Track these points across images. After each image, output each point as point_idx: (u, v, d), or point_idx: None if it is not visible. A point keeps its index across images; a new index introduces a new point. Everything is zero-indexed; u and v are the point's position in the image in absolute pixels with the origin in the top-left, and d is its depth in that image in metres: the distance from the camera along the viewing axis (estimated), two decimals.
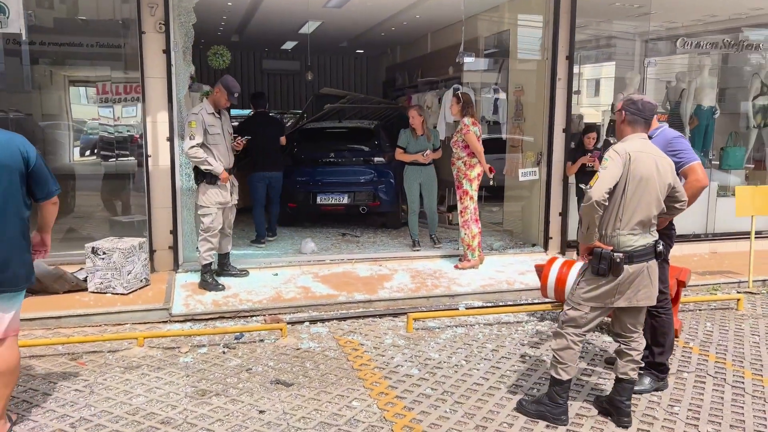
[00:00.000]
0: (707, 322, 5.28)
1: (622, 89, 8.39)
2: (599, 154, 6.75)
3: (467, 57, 6.92)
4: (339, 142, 8.76)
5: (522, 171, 7.24)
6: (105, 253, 5.36)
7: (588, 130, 6.93)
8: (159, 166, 6.09)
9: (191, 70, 6.18)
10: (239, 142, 5.81)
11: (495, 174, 6.74)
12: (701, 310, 5.62)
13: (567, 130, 7.10)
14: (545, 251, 7.24)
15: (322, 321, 5.14)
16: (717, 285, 6.32)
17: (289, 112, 15.37)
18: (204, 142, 5.48)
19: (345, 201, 8.20)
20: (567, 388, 3.44)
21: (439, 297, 5.70)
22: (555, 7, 6.86)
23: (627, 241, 3.26)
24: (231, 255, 6.18)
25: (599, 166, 3.27)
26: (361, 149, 8.59)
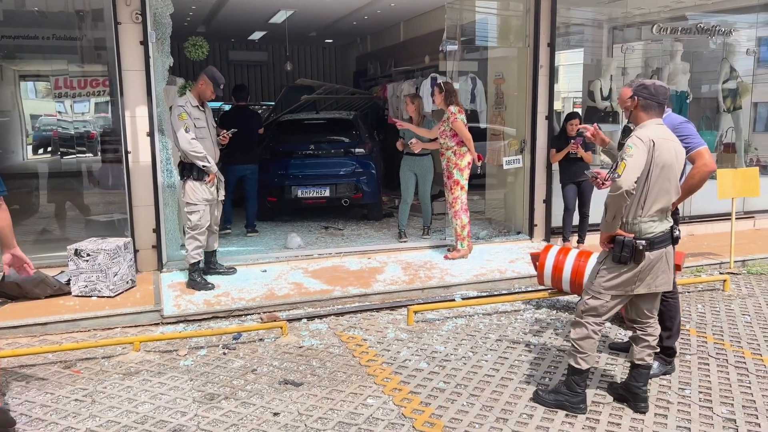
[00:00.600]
0: (698, 303, 5.38)
1: (593, 76, 8.49)
2: (581, 140, 6.80)
3: (450, 45, 6.85)
4: (318, 133, 8.61)
5: (506, 159, 7.25)
6: (89, 255, 5.13)
7: (570, 117, 6.97)
8: (139, 162, 5.86)
9: (170, 62, 5.94)
10: (225, 135, 5.63)
11: (481, 162, 6.70)
12: (689, 292, 5.72)
13: (550, 117, 7.13)
14: (530, 239, 7.28)
15: (319, 317, 5.05)
16: (700, 267, 6.46)
17: (258, 103, 15.06)
18: None
19: (327, 194, 8.07)
20: (585, 377, 3.44)
21: (434, 288, 5.66)
22: None
23: (648, 228, 3.26)
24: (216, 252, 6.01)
25: (624, 153, 3.18)
26: (342, 140, 8.46)
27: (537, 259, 5.27)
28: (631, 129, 3.40)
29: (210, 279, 5.68)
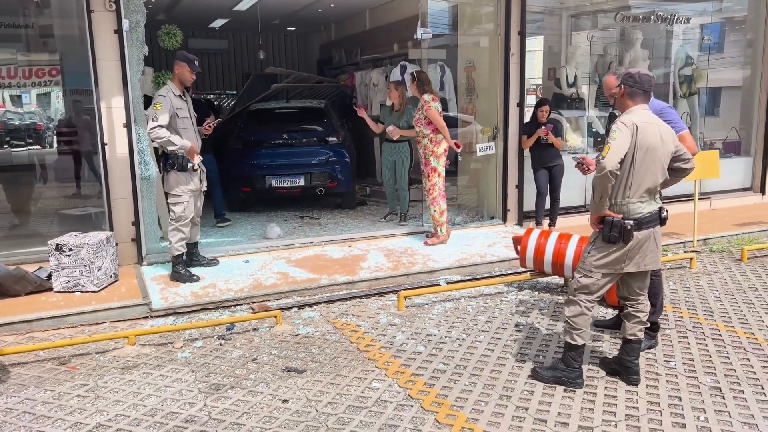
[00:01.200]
0: (669, 281, 5.64)
1: (553, 64, 8.72)
2: (552, 126, 7.01)
3: (425, 34, 6.92)
4: (291, 122, 8.57)
5: (479, 146, 7.38)
6: (71, 250, 5.03)
7: (541, 103, 7.15)
8: (116, 154, 5.75)
9: (144, 51, 5.81)
10: (209, 125, 5.58)
11: (460, 149, 6.81)
12: None
13: (521, 104, 7.30)
14: (504, 223, 7.47)
15: (309, 305, 5.09)
16: (666, 246, 6.76)
17: (215, 92, 14.83)
18: (173, 125, 5.22)
19: (301, 183, 8.06)
20: (581, 352, 3.61)
21: (419, 274, 5.77)
22: None
23: (636, 209, 3.44)
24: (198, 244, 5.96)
25: (609, 137, 3.37)
26: (315, 129, 8.45)
27: (519, 242, 5.44)
28: (617, 115, 3.56)
29: (193, 271, 5.64)
